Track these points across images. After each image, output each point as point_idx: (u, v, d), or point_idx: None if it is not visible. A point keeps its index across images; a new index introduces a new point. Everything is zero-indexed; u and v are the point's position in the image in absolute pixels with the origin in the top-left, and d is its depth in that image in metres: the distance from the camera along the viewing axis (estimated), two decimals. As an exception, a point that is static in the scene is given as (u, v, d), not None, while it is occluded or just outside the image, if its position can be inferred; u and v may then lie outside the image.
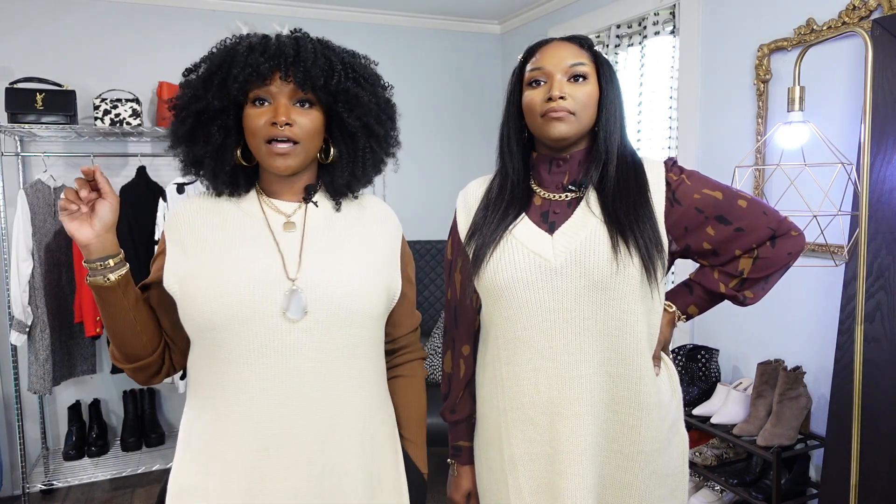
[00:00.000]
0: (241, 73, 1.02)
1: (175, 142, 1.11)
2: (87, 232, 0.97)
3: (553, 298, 1.14)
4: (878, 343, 1.86)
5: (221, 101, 1.04)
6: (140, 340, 1.08)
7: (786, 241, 1.19)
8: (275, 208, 1.12)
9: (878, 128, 1.87)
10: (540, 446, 1.16)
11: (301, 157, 1.05)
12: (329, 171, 1.14)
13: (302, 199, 1.14)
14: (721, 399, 2.26)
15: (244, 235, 1.08)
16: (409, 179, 3.74)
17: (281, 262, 1.06)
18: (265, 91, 1.04)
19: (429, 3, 3.47)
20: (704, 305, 1.27)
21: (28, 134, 2.92)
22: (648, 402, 1.15)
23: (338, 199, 1.16)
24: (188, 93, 1.07)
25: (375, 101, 1.11)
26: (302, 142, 1.04)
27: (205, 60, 1.09)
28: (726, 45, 2.44)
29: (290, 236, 1.09)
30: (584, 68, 1.16)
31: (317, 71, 1.03)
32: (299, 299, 1.03)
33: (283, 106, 1.03)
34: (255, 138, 1.04)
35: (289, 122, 1.02)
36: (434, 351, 3.12)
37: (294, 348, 1.03)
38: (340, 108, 1.07)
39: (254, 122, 1.04)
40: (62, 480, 2.97)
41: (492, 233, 1.20)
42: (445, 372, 1.33)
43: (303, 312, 1.03)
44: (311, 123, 1.05)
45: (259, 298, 1.02)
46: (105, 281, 1.00)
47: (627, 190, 1.16)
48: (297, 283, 1.04)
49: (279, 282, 1.04)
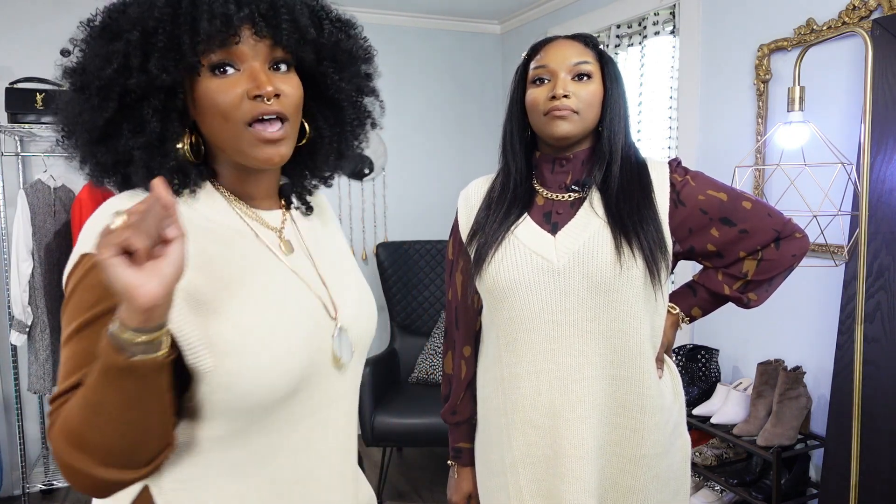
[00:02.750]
0: (209, 28, 0.71)
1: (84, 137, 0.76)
2: (154, 286, 0.59)
3: (555, 300, 1.13)
4: (878, 343, 1.86)
5: (172, 74, 0.72)
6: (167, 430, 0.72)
7: (790, 243, 1.19)
8: (260, 221, 0.85)
9: (878, 128, 1.87)
10: (541, 449, 1.16)
11: (291, 141, 0.80)
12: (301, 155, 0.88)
13: (279, 203, 0.91)
14: (721, 399, 2.26)
15: (255, 268, 0.80)
16: (408, 179, 3.73)
17: (317, 300, 0.85)
18: (232, 53, 0.74)
19: (429, 3, 3.47)
20: (708, 307, 1.26)
21: (28, 134, 2.92)
22: (651, 406, 1.15)
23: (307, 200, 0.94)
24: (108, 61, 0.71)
25: (365, 56, 0.89)
26: (290, 118, 0.78)
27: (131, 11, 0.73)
28: (726, 45, 2.44)
29: (296, 259, 0.87)
30: (588, 67, 1.15)
31: (304, 20, 0.78)
32: (346, 340, 0.86)
33: (263, 72, 0.75)
34: (230, 121, 0.75)
35: (277, 92, 0.75)
36: (434, 351, 3.12)
37: (340, 395, 0.88)
38: (329, 67, 0.82)
39: (222, 97, 0.74)
40: (62, 480, 2.96)
41: (493, 233, 1.19)
42: (446, 373, 1.33)
43: (351, 354, 0.87)
44: (297, 92, 0.79)
45: (315, 353, 0.82)
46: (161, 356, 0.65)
47: (631, 191, 1.16)
48: (340, 321, 0.86)
49: (326, 325, 0.85)
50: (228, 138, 0.76)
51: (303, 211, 0.94)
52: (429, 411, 2.69)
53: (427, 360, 3.11)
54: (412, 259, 3.32)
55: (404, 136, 3.70)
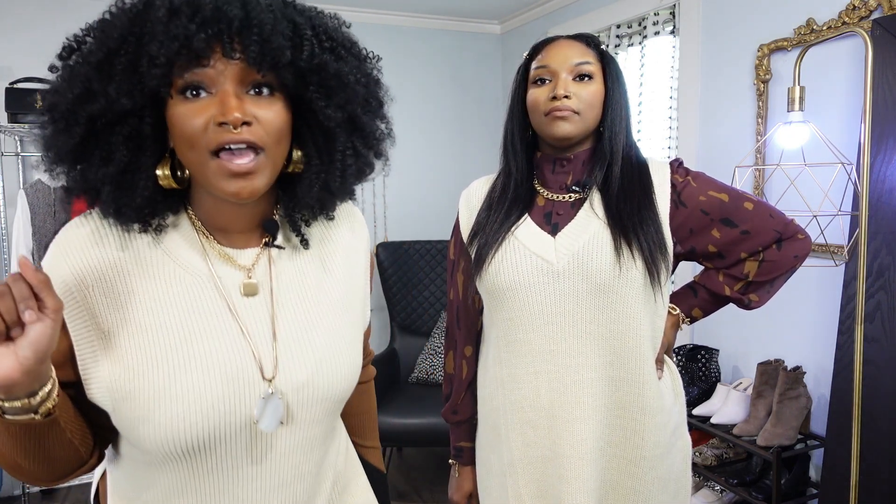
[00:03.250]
0: (163, 53, 0.65)
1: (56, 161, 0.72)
2: (10, 366, 0.60)
3: (555, 301, 1.13)
4: (878, 343, 1.86)
5: (131, 98, 0.67)
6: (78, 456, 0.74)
7: (792, 244, 1.18)
8: (228, 260, 0.78)
9: (878, 128, 1.87)
10: (540, 449, 1.16)
11: (268, 172, 0.72)
12: (290, 184, 0.80)
13: (261, 239, 0.82)
14: (721, 399, 2.26)
15: (189, 314, 0.75)
16: (408, 179, 3.74)
17: (251, 352, 0.76)
18: (200, 75, 0.68)
19: (429, 3, 3.47)
20: (709, 308, 1.26)
21: (28, 134, 2.92)
22: (651, 407, 1.14)
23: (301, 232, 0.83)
24: (74, 86, 0.68)
25: (363, 81, 0.78)
26: (267, 148, 0.71)
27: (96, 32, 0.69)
28: (726, 45, 2.44)
29: (252, 306, 0.78)
30: (589, 67, 1.15)
31: (279, 40, 0.68)
32: (276, 407, 0.76)
33: (233, 95, 0.68)
34: (195, 149, 0.69)
35: (246, 119, 0.68)
36: (434, 351, 3.12)
37: (275, 452, 0.79)
38: (314, 93, 0.73)
39: (188, 123, 0.68)
40: (62, 480, 2.96)
41: (494, 233, 1.19)
42: (447, 373, 1.33)
43: (278, 423, 0.76)
44: (277, 118, 0.71)
45: (230, 414, 0.74)
46: (32, 419, 0.66)
47: (632, 191, 1.15)
48: (276, 384, 0.76)
49: (254, 386, 0.75)
50: (195, 167, 0.71)
51: (294, 245, 0.84)
52: (429, 411, 2.69)
53: (427, 360, 3.11)
54: (412, 259, 3.32)
55: (404, 137, 3.70)
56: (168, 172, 0.73)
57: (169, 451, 0.73)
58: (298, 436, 0.80)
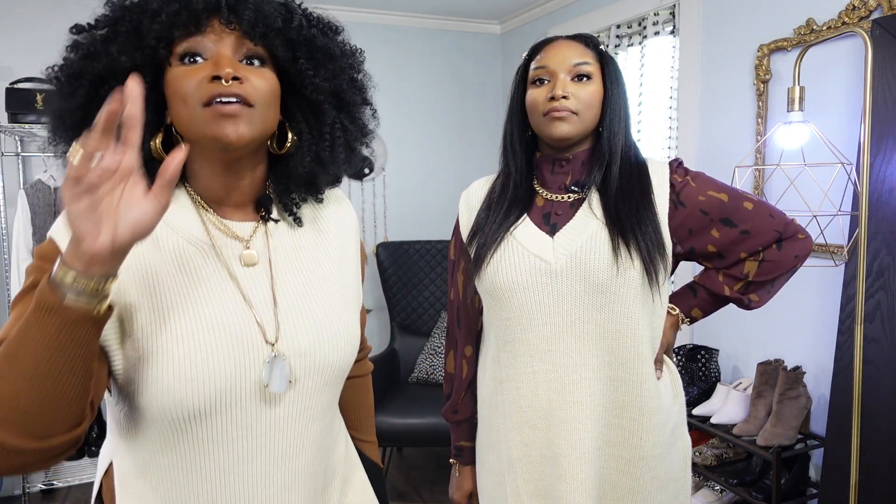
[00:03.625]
0: (164, 11, 0.72)
1: (58, 127, 0.77)
2: (105, 239, 0.60)
3: (553, 301, 1.13)
4: (878, 343, 1.86)
5: (132, 56, 0.73)
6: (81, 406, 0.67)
7: (792, 244, 1.18)
8: (225, 230, 0.82)
9: (878, 128, 1.87)
10: (538, 449, 1.16)
11: (257, 125, 0.76)
12: (284, 163, 0.85)
13: (256, 214, 0.86)
14: (721, 399, 2.26)
15: (193, 281, 0.78)
16: (408, 179, 3.74)
17: (252, 317, 0.79)
18: (198, 43, 0.75)
19: (429, 3, 3.47)
20: (709, 308, 1.26)
21: (28, 134, 2.92)
22: (649, 407, 1.14)
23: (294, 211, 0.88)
24: (77, 49, 0.75)
25: (349, 58, 0.85)
26: (257, 105, 0.75)
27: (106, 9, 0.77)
28: (726, 45, 2.44)
29: (253, 275, 0.82)
30: (588, 68, 1.15)
31: (271, 10, 0.77)
32: (282, 369, 0.79)
33: (227, 57, 0.74)
34: (188, 104, 0.74)
35: (237, 75, 0.74)
36: (434, 351, 3.12)
37: (279, 423, 0.81)
38: (304, 65, 0.80)
39: (184, 82, 0.74)
40: (62, 480, 2.96)
41: (493, 234, 1.19)
42: (448, 372, 1.33)
43: (287, 384, 0.80)
44: (267, 84, 0.77)
45: (237, 376, 0.77)
46: (96, 310, 0.63)
47: (630, 192, 1.15)
48: (279, 348, 0.80)
49: (258, 349, 0.79)
50: (188, 122, 0.75)
51: (289, 223, 0.88)
52: (429, 411, 2.69)
53: (427, 360, 3.12)
54: (412, 259, 3.32)
55: (404, 136, 3.70)
56: (160, 144, 0.78)
57: (178, 415, 0.74)
58: (300, 404, 0.82)
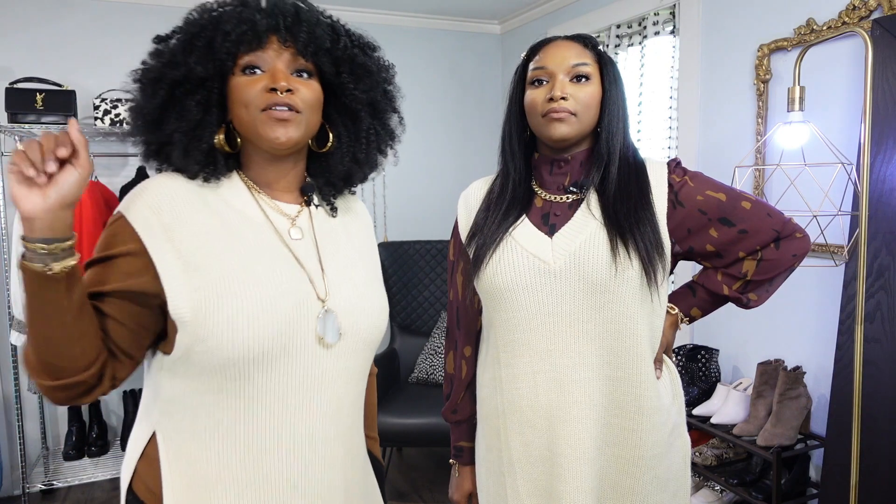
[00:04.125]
0: (235, 31, 0.88)
1: (139, 122, 0.92)
2: (36, 201, 0.74)
3: (552, 301, 1.13)
4: (878, 343, 1.86)
5: (205, 67, 0.89)
6: (72, 353, 0.81)
7: (790, 243, 1.18)
8: (276, 209, 0.97)
9: (878, 128, 1.87)
10: (538, 449, 1.16)
11: (303, 128, 0.92)
12: (324, 160, 1.01)
13: (301, 199, 1.01)
14: (721, 399, 2.26)
15: (254, 244, 0.92)
16: (408, 179, 3.74)
17: (308, 280, 0.94)
18: (258, 57, 0.90)
19: (429, 3, 3.47)
20: (708, 308, 1.26)
21: (28, 134, 2.92)
22: (649, 407, 1.14)
23: (331, 200, 1.04)
24: (161, 60, 0.91)
25: (383, 73, 1.02)
26: (304, 112, 0.91)
27: (182, 26, 0.93)
28: (726, 45, 2.44)
29: (302, 245, 0.97)
30: (587, 68, 1.15)
31: (322, 32, 0.92)
32: (333, 321, 0.93)
33: (282, 72, 0.90)
34: (248, 109, 0.90)
35: (290, 87, 0.89)
36: (434, 351, 3.12)
37: (327, 376, 0.93)
38: (346, 78, 0.96)
39: (246, 91, 0.89)
40: (62, 480, 2.96)
41: (492, 234, 1.19)
42: (447, 373, 1.33)
43: (338, 336, 0.93)
44: (313, 94, 0.93)
45: (295, 325, 0.90)
46: (45, 269, 0.77)
47: (629, 192, 1.15)
48: (329, 304, 0.94)
49: (311, 303, 0.93)
50: (248, 123, 0.91)
51: (326, 211, 1.03)
52: (429, 411, 2.69)
53: (427, 361, 3.11)
54: (412, 259, 3.32)
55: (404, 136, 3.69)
56: (223, 138, 0.94)
57: (245, 355, 0.86)
58: (344, 361, 0.95)
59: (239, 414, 0.89)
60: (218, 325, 0.85)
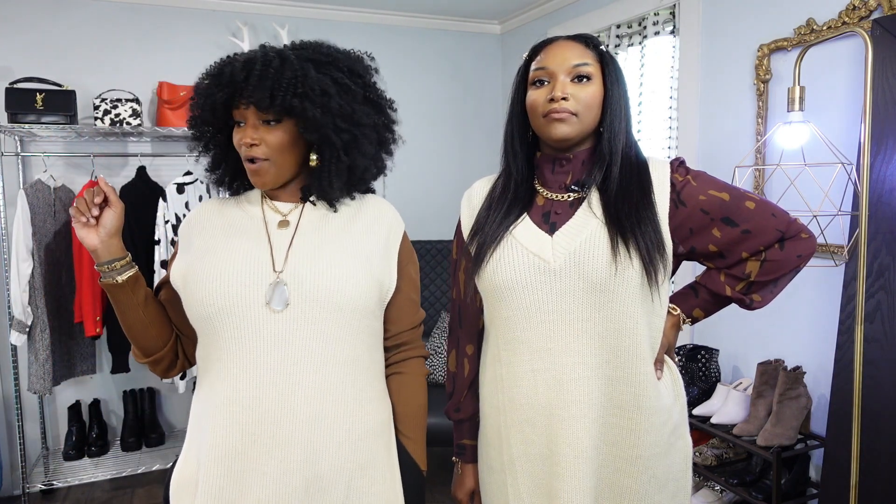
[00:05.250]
0: (206, 103, 1.14)
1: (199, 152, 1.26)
2: (94, 239, 1.09)
3: (552, 300, 1.14)
4: (878, 343, 1.87)
5: (207, 124, 1.19)
6: (150, 334, 1.18)
7: (795, 244, 1.17)
8: (273, 208, 1.21)
9: (878, 128, 1.87)
10: (538, 447, 1.16)
11: (273, 172, 1.15)
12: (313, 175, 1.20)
13: (300, 199, 1.23)
14: (721, 399, 2.26)
15: (241, 233, 1.17)
16: (409, 179, 3.74)
17: (269, 256, 1.14)
18: (240, 113, 1.13)
19: (429, 3, 3.47)
20: (710, 309, 1.25)
21: (28, 134, 2.92)
22: (648, 406, 1.14)
23: (331, 200, 1.21)
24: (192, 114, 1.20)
25: (328, 112, 1.13)
26: (272, 158, 1.13)
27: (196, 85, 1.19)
28: (726, 45, 2.45)
29: (282, 233, 1.17)
30: (588, 68, 1.15)
31: (261, 92, 1.08)
32: (282, 291, 1.10)
33: (250, 127, 1.12)
34: (240, 157, 1.17)
35: (254, 142, 1.12)
36: (434, 351, 3.12)
37: (281, 336, 1.09)
38: (296, 122, 1.13)
39: (234, 140, 1.16)
40: (62, 480, 2.96)
41: (493, 233, 1.20)
42: (450, 371, 1.33)
43: (284, 304, 1.10)
44: (278, 140, 1.13)
45: (246, 289, 1.10)
46: (114, 282, 1.12)
47: (630, 191, 1.15)
48: (282, 276, 1.11)
49: (265, 274, 1.12)
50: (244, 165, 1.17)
51: (326, 208, 1.22)
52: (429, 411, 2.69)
53: (427, 361, 3.12)
54: (412, 259, 3.32)
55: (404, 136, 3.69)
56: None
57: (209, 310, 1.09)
58: (299, 326, 1.10)
59: (212, 363, 1.12)
60: (192, 287, 1.12)
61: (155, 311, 1.18)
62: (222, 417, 1.08)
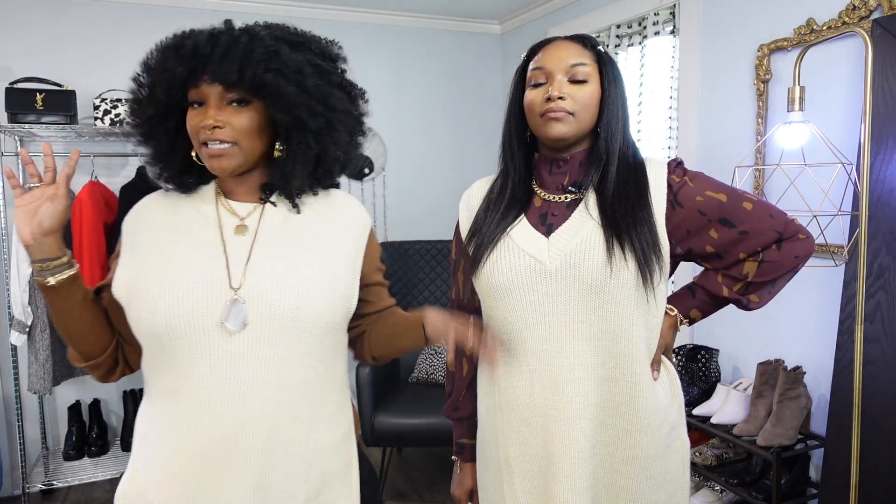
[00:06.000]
0: (161, 80, 0.99)
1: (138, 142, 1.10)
2: (26, 233, 0.95)
3: (547, 301, 1.14)
4: (878, 343, 1.86)
5: (157, 107, 1.02)
6: (87, 340, 1.06)
7: (793, 244, 1.17)
8: (230, 210, 1.08)
9: (878, 128, 1.87)
10: (534, 447, 1.16)
11: (239, 158, 1.01)
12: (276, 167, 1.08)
13: (259, 198, 1.10)
14: (721, 399, 2.26)
15: (193, 239, 1.05)
16: (408, 179, 3.74)
17: (225, 269, 1.02)
18: (200, 92, 1.00)
19: (429, 3, 3.47)
20: (708, 309, 1.25)
21: (28, 134, 2.92)
22: (644, 407, 1.14)
23: (294, 197, 1.09)
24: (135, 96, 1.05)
25: (304, 91, 1.01)
26: (239, 142, 1.00)
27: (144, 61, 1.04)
28: (726, 45, 2.44)
29: (240, 241, 1.05)
30: (585, 68, 1.15)
31: (228, 66, 0.96)
32: (239, 310, 0.99)
33: (213, 108, 0.99)
34: (195, 140, 1.02)
35: (218, 124, 0.98)
36: (434, 351, 3.12)
37: (235, 358, 0.99)
38: (266, 102, 1.01)
39: (190, 125, 1.01)
40: (62, 480, 2.96)
41: (490, 234, 1.20)
42: (449, 370, 1.34)
43: (242, 325, 0.99)
44: (247, 122, 1.00)
45: (199, 309, 0.98)
46: (45, 282, 0.98)
47: (627, 192, 1.15)
48: (240, 293, 1.00)
49: (220, 291, 1.00)
50: (198, 152, 1.03)
51: (288, 208, 1.09)
52: (429, 411, 2.69)
53: (427, 360, 3.11)
54: (412, 259, 3.32)
55: (404, 136, 3.71)
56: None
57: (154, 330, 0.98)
58: (257, 348, 1.00)
59: (159, 379, 1.02)
60: (138, 303, 1.00)
61: (93, 316, 1.05)
62: (174, 437, 1.00)
